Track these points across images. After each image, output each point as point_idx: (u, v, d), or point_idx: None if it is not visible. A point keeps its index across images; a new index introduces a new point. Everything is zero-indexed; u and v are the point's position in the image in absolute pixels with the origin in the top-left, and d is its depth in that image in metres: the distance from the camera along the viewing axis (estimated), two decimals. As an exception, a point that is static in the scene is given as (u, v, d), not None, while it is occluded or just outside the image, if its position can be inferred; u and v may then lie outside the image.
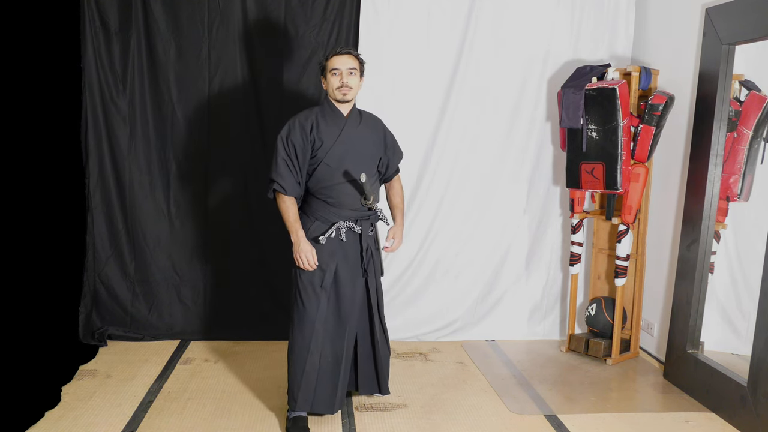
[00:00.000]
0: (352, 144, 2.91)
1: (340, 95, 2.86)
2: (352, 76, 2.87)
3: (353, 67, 2.87)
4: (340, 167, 2.88)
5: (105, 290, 3.87)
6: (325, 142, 2.87)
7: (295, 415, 2.83)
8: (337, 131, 2.89)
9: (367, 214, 2.96)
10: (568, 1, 3.86)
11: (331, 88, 2.88)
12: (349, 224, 2.91)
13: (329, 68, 2.86)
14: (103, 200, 3.83)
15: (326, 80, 2.89)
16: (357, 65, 2.89)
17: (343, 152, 2.88)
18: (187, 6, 3.74)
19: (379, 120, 3.09)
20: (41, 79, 3.64)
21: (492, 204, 3.98)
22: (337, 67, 2.84)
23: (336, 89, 2.86)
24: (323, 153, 2.86)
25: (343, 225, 2.89)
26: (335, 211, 2.90)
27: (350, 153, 2.90)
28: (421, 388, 3.32)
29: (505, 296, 4.06)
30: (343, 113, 2.92)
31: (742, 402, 2.90)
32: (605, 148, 3.45)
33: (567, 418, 3.02)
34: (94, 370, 3.44)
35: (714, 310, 3.41)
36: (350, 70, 2.86)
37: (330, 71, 2.86)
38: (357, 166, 2.89)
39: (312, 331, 2.83)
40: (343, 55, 2.86)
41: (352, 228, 2.92)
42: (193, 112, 3.84)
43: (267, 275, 3.94)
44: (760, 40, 2.99)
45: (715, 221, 3.27)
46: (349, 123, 2.92)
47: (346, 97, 2.87)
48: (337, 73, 2.84)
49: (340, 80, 2.84)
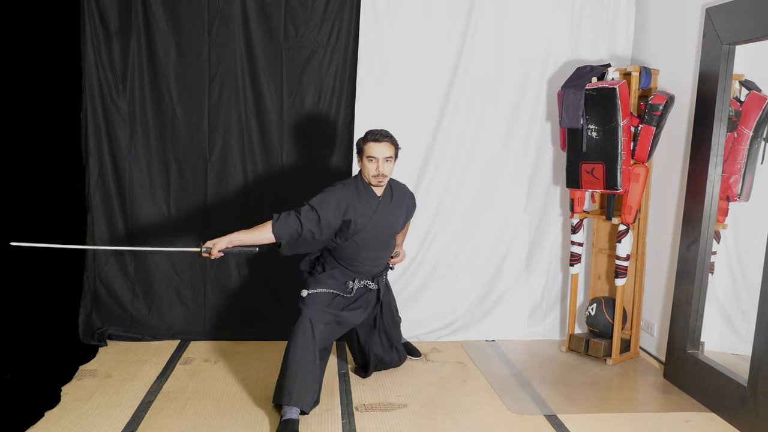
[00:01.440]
0: (381, 224, 3.09)
1: (375, 182, 3.00)
2: (388, 164, 2.98)
3: (390, 156, 2.97)
4: (366, 245, 3.07)
5: (105, 290, 3.87)
6: (359, 223, 3.01)
7: (287, 418, 2.82)
8: (370, 213, 3.03)
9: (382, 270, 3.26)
10: (568, 1, 3.86)
11: (366, 173, 3.00)
12: (363, 282, 3.16)
13: (366, 153, 2.96)
14: (103, 200, 3.83)
15: (362, 162, 3.01)
16: (393, 152, 2.99)
17: (372, 232, 3.05)
18: (187, 6, 3.74)
19: (405, 190, 3.27)
20: (41, 79, 3.64)
21: (492, 204, 3.98)
22: (374, 156, 2.95)
23: (372, 177, 2.98)
24: (353, 233, 3.02)
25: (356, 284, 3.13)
26: (352, 275, 3.13)
27: (378, 233, 3.09)
28: (421, 388, 3.32)
29: (505, 296, 4.06)
30: (376, 194, 3.05)
31: (742, 402, 2.90)
32: (605, 148, 3.45)
33: (567, 418, 3.02)
34: (94, 370, 3.44)
35: (714, 310, 3.41)
36: (386, 158, 2.96)
37: (366, 157, 2.96)
38: (381, 242, 3.14)
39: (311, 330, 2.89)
40: (381, 143, 2.95)
41: (368, 285, 3.17)
42: (193, 112, 3.84)
43: (267, 275, 3.94)
44: (760, 40, 2.99)
45: (715, 221, 3.27)
46: (381, 205, 3.07)
47: (380, 185, 3.01)
48: (374, 161, 2.95)
49: (377, 169, 2.96)
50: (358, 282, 3.15)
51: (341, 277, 3.14)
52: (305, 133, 3.91)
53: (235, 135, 3.87)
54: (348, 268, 3.15)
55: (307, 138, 3.91)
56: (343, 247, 3.11)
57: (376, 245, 3.14)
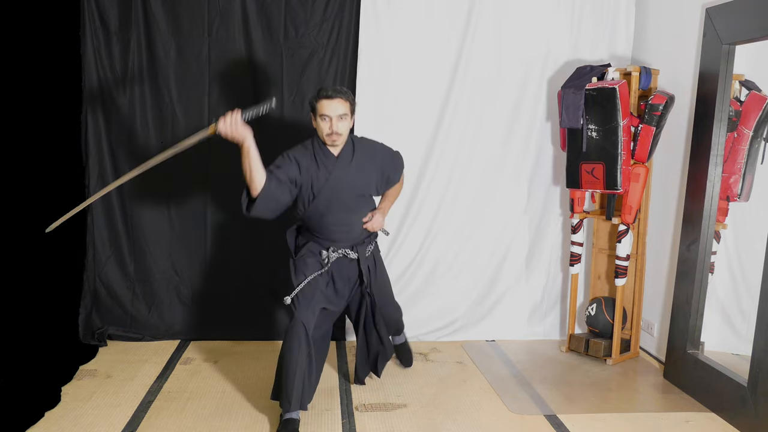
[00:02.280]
0: (342, 186, 2.93)
1: (329, 141, 2.86)
2: (342, 122, 2.84)
3: (344, 113, 2.83)
4: (328, 208, 2.93)
5: (105, 290, 3.87)
6: (315, 186, 2.89)
7: (287, 418, 2.81)
8: (326, 175, 2.89)
9: (362, 238, 3.07)
10: (568, 1, 3.86)
11: (320, 133, 2.87)
12: (344, 251, 3.01)
13: (319, 112, 2.83)
14: (103, 200, 3.82)
15: (316, 122, 2.87)
16: (348, 109, 2.85)
17: (332, 194, 2.91)
18: (187, 6, 3.74)
19: (373, 145, 3.08)
20: (41, 79, 3.64)
21: (492, 204, 3.98)
22: (327, 114, 2.80)
23: (326, 136, 2.85)
24: (311, 197, 2.90)
25: (333, 254, 2.98)
26: (327, 243, 3.00)
27: (339, 196, 2.93)
28: (421, 388, 3.32)
29: (505, 296, 4.06)
30: (333, 154, 2.92)
31: (742, 402, 2.90)
32: (605, 148, 3.45)
33: (567, 418, 3.02)
34: (94, 370, 3.44)
35: (714, 310, 3.41)
36: (341, 116, 2.82)
37: (320, 115, 2.83)
38: (347, 205, 2.96)
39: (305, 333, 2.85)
40: (333, 100, 2.80)
41: (347, 254, 3.02)
42: (193, 112, 3.84)
43: (267, 275, 3.94)
44: (760, 40, 2.99)
45: (715, 221, 3.27)
46: (339, 165, 2.92)
47: (335, 144, 2.88)
48: (327, 119, 2.81)
49: (330, 127, 2.82)
50: (334, 251, 2.99)
51: (316, 248, 3.00)
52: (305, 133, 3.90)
53: (235, 135, 3.87)
54: (319, 236, 2.99)
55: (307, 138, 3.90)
56: (308, 215, 2.96)
57: (339, 208, 2.94)
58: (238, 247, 3.94)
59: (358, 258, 3.05)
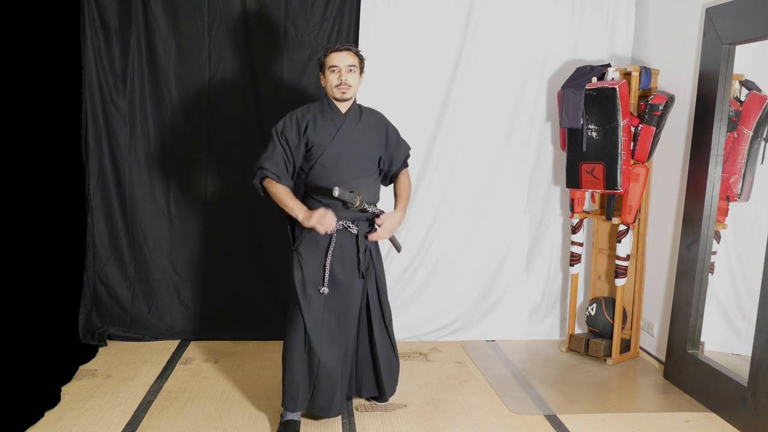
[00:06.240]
0: (350, 143, 2.85)
1: (338, 93, 2.81)
2: (351, 74, 2.82)
3: (352, 64, 2.81)
4: (336, 167, 2.83)
5: (105, 290, 3.87)
6: (320, 141, 2.82)
7: (288, 419, 2.81)
8: (334, 130, 2.84)
9: (363, 215, 2.89)
10: (568, 1, 3.86)
11: (329, 86, 2.83)
12: (344, 223, 2.84)
13: (328, 65, 2.81)
14: (103, 200, 3.83)
15: (325, 77, 2.84)
16: (356, 62, 2.83)
17: (340, 152, 2.83)
18: (187, 6, 3.75)
19: (381, 116, 3.02)
20: (41, 79, 3.64)
21: (492, 204, 3.98)
22: (336, 64, 2.79)
23: (335, 87, 2.80)
24: (318, 152, 2.81)
25: (338, 223, 2.82)
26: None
27: (347, 153, 2.84)
28: (421, 388, 3.32)
29: (505, 296, 4.06)
30: (341, 111, 2.87)
31: (742, 402, 2.90)
32: (605, 148, 3.45)
33: (567, 418, 3.02)
34: (94, 370, 3.44)
35: (714, 310, 3.41)
36: (349, 68, 2.80)
37: (328, 68, 2.80)
38: (353, 166, 2.85)
39: (305, 331, 2.79)
40: (342, 52, 2.80)
41: (348, 227, 2.85)
42: (193, 113, 3.84)
43: (267, 275, 3.94)
44: (760, 40, 2.99)
45: (715, 221, 3.27)
46: (347, 122, 2.86)
47: (344, 96, 2.83)
48: (336, 70, 2.79)
49: (339, 78, 2.79)
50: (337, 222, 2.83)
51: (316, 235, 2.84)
52: (305, 133, 3.91)
53: (235, 135, 3.87)
54: (323, 199, 2.83)
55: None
56: (315, 176, 2.85)
57: (346, 166, 2.83)
58: (238, 247, 3.94)
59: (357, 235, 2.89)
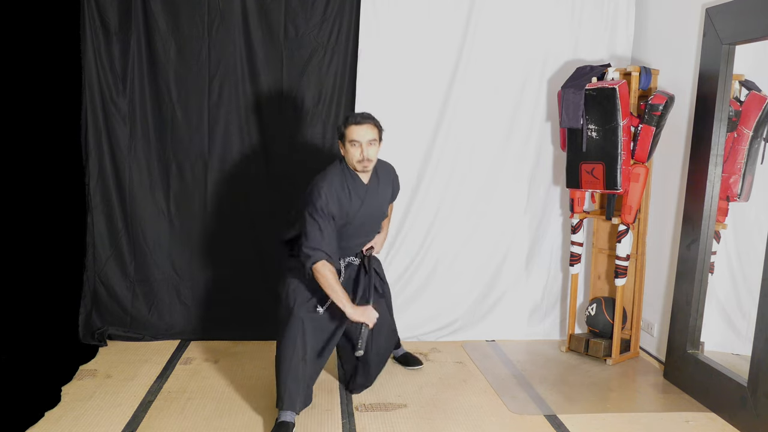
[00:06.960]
0: (370, 208, 3.00)
1: (360, 168, 2.87)
2: (372, 147, 2.84)
3: (373, 138, 2.84)
4: (357, 232, 3.02)
5: (105, 290, 3.87)
6: (349, 215, 2.94)
7: (282, 421, 2.81)
8: (359, 202, 2.94)
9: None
10: (568, 1, 3.86)
11: (351, 159, 2.86)
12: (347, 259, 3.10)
13: (348, 138, 2.83)
14: (103, 200, 3.83)
15: (344, 148, 2.86)
16: (377, 134, 2.87)
17: (363, 218, 2.99)
18: (187, 6, 3.74)
19: (390, 168, 3.17)
20: (41, 79, 3.64)
21: (492, 204, 3.98)
22: (357, 139, 2.81)
23: (357, 162, 2.85)
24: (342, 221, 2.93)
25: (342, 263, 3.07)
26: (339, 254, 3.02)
27: (368, 216, 3.02)
28: (421, 388, 3.32)
29: (505, 296, 4.05)
30: (363, 181, 2.95)
31: (742, 402, 2.90)
32: (605, 148, 3.45)
33: (567, 418, 3.02)
34: (94, 370, 3.44)
35: (714, 310, 3.41)
36: (370, 142, 2.83)
37: (349, 141, 2.83)
38: (371, 224, 3.08)
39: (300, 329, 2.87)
40: (362, 126, 2.82)
41: (352, 262, 3.11)
42: (193, 112, 3.84)
43: (267, 275, 3.94)
44: (760, 40, 2.99)
45: (715, 221, 3.27)
46: (369, 190, 2.97)
47: (366, 170, 2.89)
48: (357, 144, 2.82)
49: (361, 153, 2.82)
50: (343, 261, 3.10)
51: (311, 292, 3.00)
52: (305, 133, 3.91)
53: (235, 135, 3.87)
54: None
55: (307, 138, 3.91)
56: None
57: (365, 231, 3.10)
58: (238, 247, 3.94)
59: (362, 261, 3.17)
